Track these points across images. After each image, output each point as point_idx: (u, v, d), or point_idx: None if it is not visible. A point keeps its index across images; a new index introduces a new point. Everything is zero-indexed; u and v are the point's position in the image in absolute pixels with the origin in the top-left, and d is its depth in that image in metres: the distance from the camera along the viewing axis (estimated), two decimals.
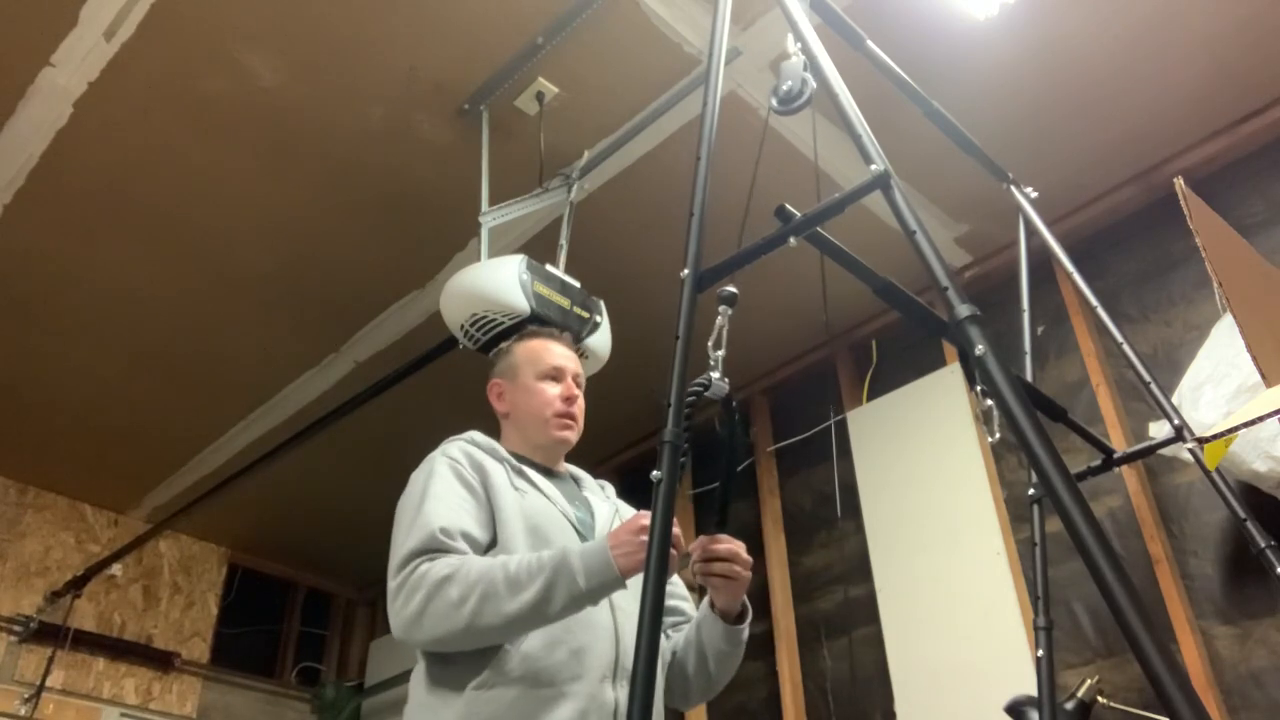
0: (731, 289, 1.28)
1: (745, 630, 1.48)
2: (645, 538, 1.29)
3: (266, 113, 2.55)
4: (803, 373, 3.51)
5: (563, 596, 1.30)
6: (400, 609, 1.36)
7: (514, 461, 1.57)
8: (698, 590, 1.48)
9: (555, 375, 1.66)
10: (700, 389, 1.25)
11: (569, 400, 1.64)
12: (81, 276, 3.06)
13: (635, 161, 2.72)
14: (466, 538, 1.42)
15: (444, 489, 1.48)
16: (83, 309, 3.20)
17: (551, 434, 1.63)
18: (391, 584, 1.39)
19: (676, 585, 1.65)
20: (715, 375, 1.26)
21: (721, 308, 1.27)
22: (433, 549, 1.38)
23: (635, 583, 1.41)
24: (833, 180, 2.67)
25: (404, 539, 1.42)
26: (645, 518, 1.33)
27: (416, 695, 1.43)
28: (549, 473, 1.64)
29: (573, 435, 1.65)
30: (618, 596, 1.45)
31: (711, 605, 1.47)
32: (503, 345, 1.78)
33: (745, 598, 1.47)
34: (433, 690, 1.39)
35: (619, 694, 1.39)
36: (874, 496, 3.02)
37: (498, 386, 1.71)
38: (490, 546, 1.45)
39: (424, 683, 1.42)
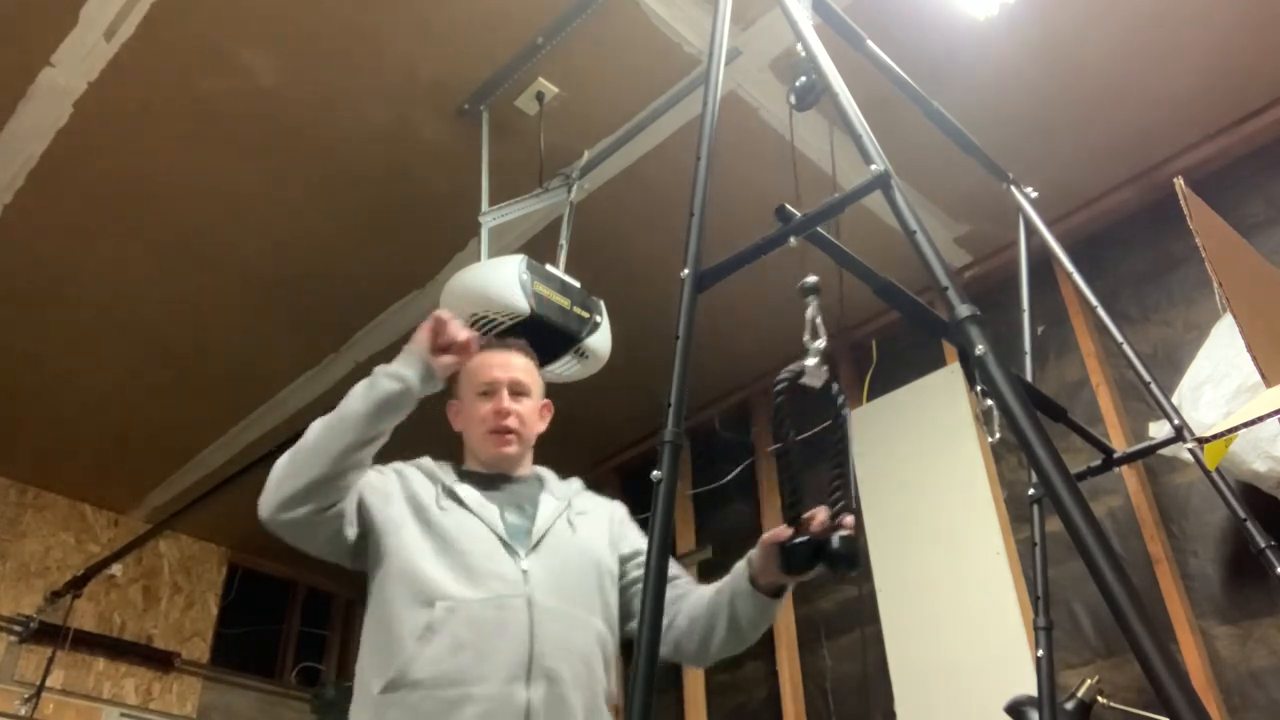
0: (813, 278, 1.24)
1: (781, 600, 1.48)
2: (424, 340, 1.51)
3: (266, 113, 2.55)
4: None
5: (363, 387, 1.49)
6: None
7: (448, 484, 1.60)
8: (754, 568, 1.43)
9: (488, 390, 1.67)
10: (791, 376, 1.21)
11: (499, 414, 1.65)
12: (81, 276, 3.06)
13: (635, 161, 2.72)
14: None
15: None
16: (83, 309, 3.20)
17: (490, 450, 1.66)
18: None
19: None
20: (811, 363, 1.21)
21: (808, 299, 1.23)
22: None
23: (567, 566, 1.52)
24: (826, 175, 2.66)
25: None
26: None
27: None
28: (506, 479, 1.66)
29: (511, 449, 1.66)
30: (539, 593, 1.47)
31: (753, 582, 1.44)
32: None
33: None
34: (357, 691, 1.48)
35: (531, 694, 1.38)
36: (874, 496, 3.02)
37: (453, 406, 1.75)
38: (362, 537, 1.57)
39: (355, 690, 1.51)
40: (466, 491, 1.60)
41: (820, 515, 1.27)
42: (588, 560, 1.58)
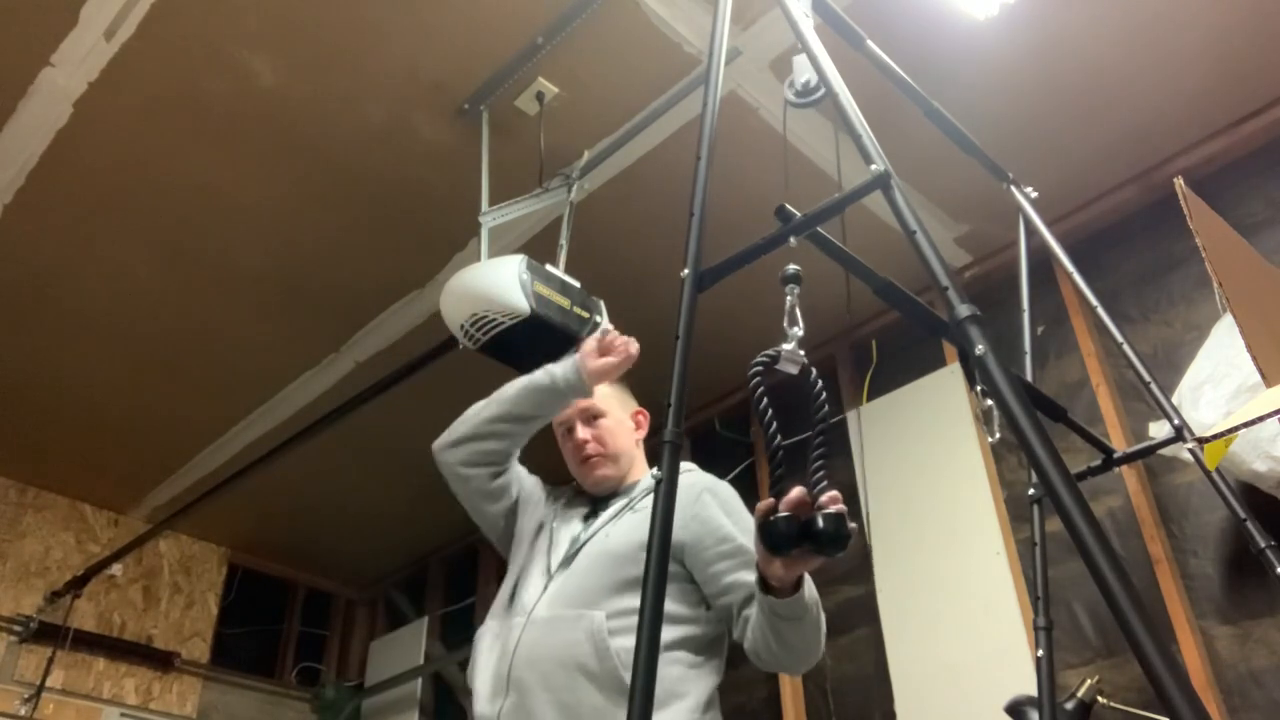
0: (794, 267, 1.25)
1: (803, 596, 1.35)
2: (588, 348, 1.73)
3: (266, 113, 2.55)
4: None
5: (520, 380, 1.77)
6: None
7: (564, 502, 1.83)
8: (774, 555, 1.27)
9: (567, 427, 1.84)
10: (767, 360, 1.21)
11: (577, 448, 1.80)
12: (81, 276, 3.06)
13: (635, 161, 2.72)
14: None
15: None
16: (83, 309, 3.20)
17: (585, 479, 1.82)
18: None
19: (721, 567, 1.56)
20: (787, 347, 1.21)
21: (788, 287, 1.25)
22: None
23: (584, 570, 1.59)
24: (825, 174, 2.66)
25: None
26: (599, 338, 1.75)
27: None
28: (614, 495, 1.79)
29: (601, 471, 1.79)
30: (542, 606, 1.59)
31: (765, 587, 1.33)
32: None
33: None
34: None
35: (503, 707, 1.51)
36: (874, 496, 3.02)
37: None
38: (506, 535, 1.84)
39: None
40: (566, 515, 1.79)
41: (794, 493, 1.17)
42: (611, 558, 1.60)
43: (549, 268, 2.23)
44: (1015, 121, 2.61)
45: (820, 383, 1.24)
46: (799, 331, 1.24)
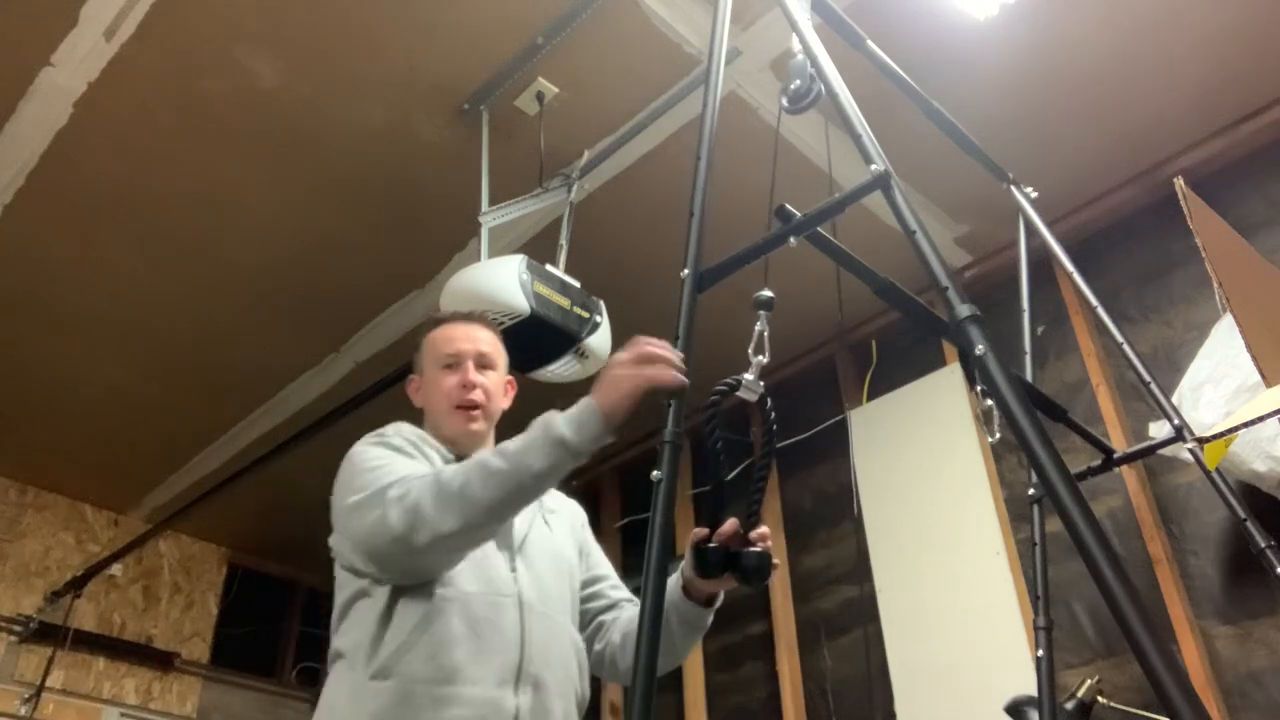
0: (767, 293, 1.26)
1: (713, 609, 1.49)
2: (624, 369, 1.26)
3: (266, 113, 2.55)
4: (803, 372, 3.51)
5: (542, 445, 1.25)
6: (386, 513, 1.31)
7: (444, 450, 1.53)
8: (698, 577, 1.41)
9: (453, 362, 1.58)
10: (728, 388, 1.23)
11: (465, 387, 1.55)
12: (81, 276, 3.06)
13: (635, 161, 2.72)
14: None
15: (393, 456, 1.45)
16: (83, 309, 3.20)
17: (454, 426, 1.55)
18: (355, 498, 1.37)
19: (603, 575, 1.65)
20: (749, 376, 1.23)
21: (760, 313, 1.25)
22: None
23: (546, 567, 1.49)
24: (824, 173, 2.66)
25: (365, 483, 1.39)
26: (640, 344, 1.25)
27: (325, 689, 1.39)
28: None
29: (478, 424, 1.56)
30: (531, 594, 1.42)
31: (686, 591, 1.45)
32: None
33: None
34: (341, 672, 1.36)
35: (520, 700, 1.33)
36: (874, 496, 3.02)
37: (414, 382, 1.65)
38: None
39: (332, 673, 1.38)
40: None
41: (728, 527, 1.26)
42: (562, 564, 1.56)
43: (549, 268, 2.23)
44: (1015, 121, 2.62)
45: (774, 414, 1.29)
46: (764, 360, 1.25)
